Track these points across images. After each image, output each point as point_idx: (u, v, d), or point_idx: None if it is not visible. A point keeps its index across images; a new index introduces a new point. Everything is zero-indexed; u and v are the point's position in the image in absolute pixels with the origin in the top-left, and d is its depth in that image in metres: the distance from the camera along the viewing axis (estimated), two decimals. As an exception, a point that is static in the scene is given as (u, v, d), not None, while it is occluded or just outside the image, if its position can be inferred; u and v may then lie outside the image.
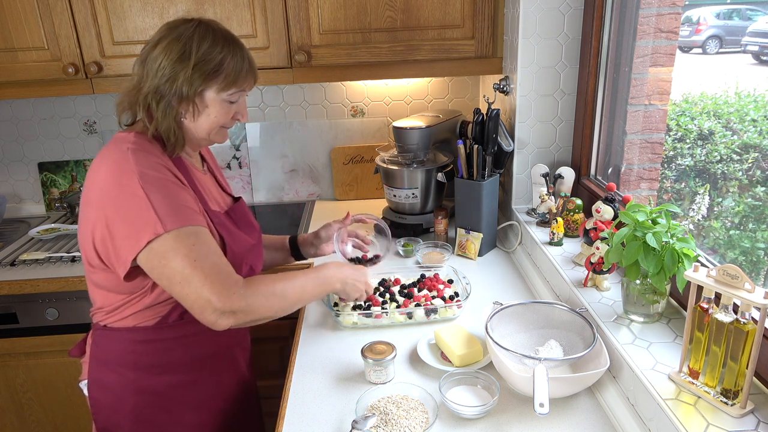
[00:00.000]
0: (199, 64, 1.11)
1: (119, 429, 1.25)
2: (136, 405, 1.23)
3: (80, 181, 2.37)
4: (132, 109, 1.18)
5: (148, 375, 1.22)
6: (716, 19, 2.43)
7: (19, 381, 1.95)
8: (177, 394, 1.25)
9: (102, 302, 1.20)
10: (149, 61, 1.13)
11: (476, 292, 1.54)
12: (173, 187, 1.11)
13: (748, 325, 0.88)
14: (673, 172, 1.74)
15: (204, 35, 1.13)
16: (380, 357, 1.19)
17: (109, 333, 1.21)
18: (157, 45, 1.13)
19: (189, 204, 1.12)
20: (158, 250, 1.05)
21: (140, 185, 1.05)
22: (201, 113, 1.16)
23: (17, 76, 1.86)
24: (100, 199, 1.08)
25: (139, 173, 1.06)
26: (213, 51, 1.13)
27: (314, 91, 2.30)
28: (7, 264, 1.89)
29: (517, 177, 1.84)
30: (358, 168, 2.35)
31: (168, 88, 1.11)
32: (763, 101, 1.61)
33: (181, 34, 1.12)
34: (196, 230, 1.09)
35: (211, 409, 1.31)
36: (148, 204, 1.04)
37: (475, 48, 1.88)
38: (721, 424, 0.89)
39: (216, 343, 1.28)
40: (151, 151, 1.12)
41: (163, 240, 1.04)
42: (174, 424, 1.26)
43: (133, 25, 1.83)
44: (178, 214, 1.07)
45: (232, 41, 1.17)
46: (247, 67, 1.18)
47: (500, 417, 1.09)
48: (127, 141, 1.12)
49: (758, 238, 1.47)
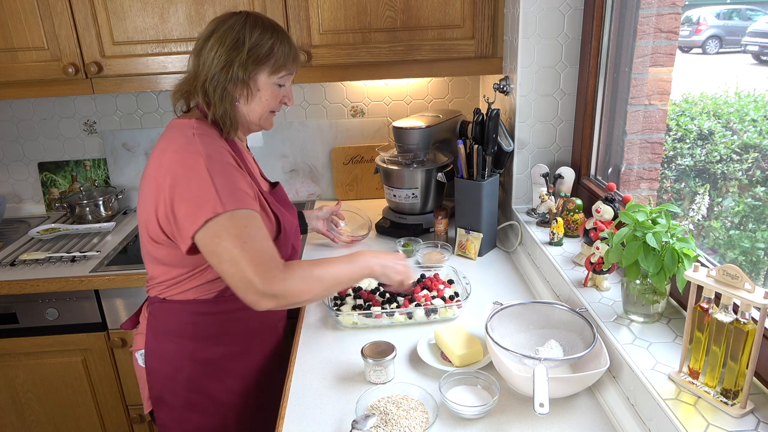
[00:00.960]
0: (252, 49, 1.22)
1: (173, 396, 1.33)
2: (192, 373, 1.32)
3: (80, 181, 2.37)
4: (186, 99, 1.29)
5: (205, 345, 1.31)
6: (716, 19, 2.43)
7: (19, 381, 1.95)
8: (228, 364, 1.34)
9: (163, 277, 1.28)
10: (204, 52, 1.22)
11: (476, 292, 1.54)
12: (233, 171, 1.18)
13: (748, 325, 0.88)
14: (673, 172, 1.74)
15: (254, 24, 1.23)
16: (380, 357, 1.19)
17: (168, 305, 1.30)
18: (211, 37, 1.22)
19: (245, 188, 1.19)
20: (214, 229, 1.11)
21: (205, 167, 1.13)
22: (254, 97, 1.27)
23: (17, 76, 1.86)
24: (167, 179, 1.15)
25: (205, 155, 1.15)
26: (263, 38, 1.23)
27: (314, 91, 2.30)
28: (7, 264, 1.89)
29: (517, 177, 1.84)
30: (358, 168, 2.35)
31: (224, 75, 1.21)
32: (763, 101, 1.61)
33: (233, 25, 1.22)
34: (249, 213, 1.15)
35: (255, 379, 1.40)
36: (211, 184, 1.12)
37: (475, 48, 1.88)
38: (721, 424, 0.89)
39: (266, 315, 1.35)
40: (212, 136, 1.22)
41: (219, 219, 1.11)
42: (223, 391, 1.35)
43: (133, 25, 1.83)
44: (235, 196, 1.14)
45: (279, 29, 1.28)
46: (294, 53, 1.30)
47: (500, 417, 1.09)
48: (191, 126, 1.21)
49: (758, 238, 1.47)
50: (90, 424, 2.03)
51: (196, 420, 1.35)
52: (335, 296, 1.51)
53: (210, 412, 1.35)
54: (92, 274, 1.80)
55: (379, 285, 1.54)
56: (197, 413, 1.34)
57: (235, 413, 1.38)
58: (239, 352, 1.36)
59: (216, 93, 1.22)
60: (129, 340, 1.90)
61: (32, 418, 2.01)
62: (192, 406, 1.33)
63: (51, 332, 1.88)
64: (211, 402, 1.34)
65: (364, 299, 1.48)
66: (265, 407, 1.45)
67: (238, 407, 1.38)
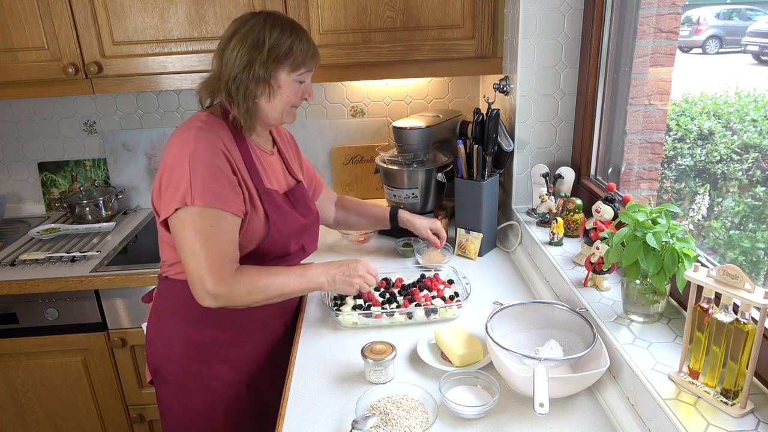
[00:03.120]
0: (272, 48, 1.26)
1: (166, 373, 1.40)
2: (183, 354, 1.37)
3: (80, 181, 2.37)
4: (212, 97, 1.33)
5: (196, 328, 1.36)
6: (716, 19, 2.43)
7: (19, 381, 1.95)
8: (217, 350, 1.38)
9: (167, 256, 1.36)
10: (226, 53, 1.27)
11: (476, 292, 1.54)
12: (217, 171, 1.22)
13: (748, 325, 0.88)
14: (673, 172, 1.74)
15: (274, 24, 1.27)
16: (380, 357, 1.19)
17: (169, 284, 1.37)
18: (233, 38, 1.27)
19: (224, 190, 1.22)
20: (182, 218, 1.19)
21: (188, 160, 1.19)
22: (275, 94, 1.31)
23: (17, 76, 1.86)
24: (162, 163, 1.25)
25: (192, 149, 1.20)
26: (283, 37, 1.27)
27: (314, 91, 2.30)
28: (7, 264, 1.89)
29: (517, 177, 1.84)
30: (358, 168, 2.35)
31: (246, 74, 1.26)
32: (763, 101, 1.61)
33: (254, 26, 1.27)
34: (219, 214, 1.21)
35: (246, 371, 1.42)
36: (188, 177, 1.19)
37: (475, 48, 1.88)
38: (721, 424, 0.89)
39: (255, 309, 1.35)
40: (216, 132, 1.26)
41: (188, 210, 1.19)
42: (211, 377, 1.38)
43: (133, 25, 1.83)
44: (208, 194, 1.19)
45: (297, 28, 1.31)
46: (313, 50, 1.33)
47: (500, 417, 1.09)
48: (199, 119, 1.27)
49: (758, 238, 1.47)
50: (90, 424, 2.03)
51: (184, 400, 1.40)
52: (335, 296, 1.51)
53: (197, 395, 1.39)
54: (92, 274, 1.80)
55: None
56: (185, 394, 1.39)
57: (223, 402, 1.40)
58: (228, 340, 1.39)
59: (239, 92, 1.27)
60: (129, 340, 1.90)
61: (32, 418, 2.01)
62: (181, 385, 1.39)
63: (51, 332, 1.88)
64: (198, 385, 1.38)
65: (364, 299, 1.48)
66: (258, 406, 1.46)
67: (225, 397, 1.40)
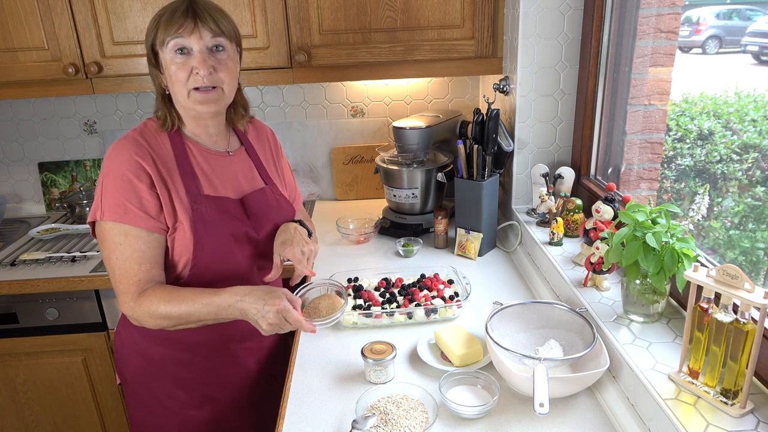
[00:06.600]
0: (148, 33, 1.20)
1: (125, 381, 1.39)
2: (137, 366, 1.34)
3: (80, 181, 2.37)
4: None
5: (149, 343, 1.31)
6: (716, 19, 2.43)
7: (19, 381, 1.95)
8: (170, 368, 1.33)
9: None
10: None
11: (476, 292, 1.54)
12: (131, 186, 1.17)
13: (747, 325, 0.88)
14: (672, 172, 1.74)
15: (170, 5, 1.18)
16: (380, 357, 1.19)
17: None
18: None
19: (135, 205, 1.17)
20: (99, 232, 1.21)
21: (105, 173, 1.19)
22: (168, 78, 1.21)
23: (17, 76, 1.86)
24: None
25: (109, 161, 1.19)
26: (154, 18, 1.19)
27: (314, 91, 2.30)
28: (7, 264, 1.89)
29: (517, 177, 1.84)
30: (358, 168, 2.35)
31: (150, 69, 1.24)
32: (763, 101, 1.61)
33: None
34: (129, 231, 1.17)
35: (204, 396, 1.35)
36: (100, 193, 1.19)
37: (475, 48, 1.88)
38: (720, 424, 0.89)
39: (208, 331, 1.29)
40: (149, 139, 1.22)
41: (99, 225, 1.19)
42: (165, 396, 1.34)
43: (133, 25, 1.83)
44: (117, 211, 1.16)
45: (173, 3, 1.17)
46: (182, 8, 1.15)
47: (500, 417, 1.10)
48: (139, 127, 1.26)
49: (758, 238, 1.47)
50: (90, 424, 2.03)
51: (139, 412, 1.38)
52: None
53: (154, 409, 1.35)
54: (92, 274, 1.80)
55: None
56: (143, 406, 1.37)
57: (177, 419, 1.35)
58: (180, 360, 1.31)
59: (154, 84, 1.26)
60: (129, 340, 1.90)
61: (32, 418, 2.01)
62: (140, 397, 1.37)
63: (51, 332, 1.88)
64: (153, 401, 1.35)
65: (364, 299, 1.48)
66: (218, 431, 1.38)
67: (180, 415, 1.34)
